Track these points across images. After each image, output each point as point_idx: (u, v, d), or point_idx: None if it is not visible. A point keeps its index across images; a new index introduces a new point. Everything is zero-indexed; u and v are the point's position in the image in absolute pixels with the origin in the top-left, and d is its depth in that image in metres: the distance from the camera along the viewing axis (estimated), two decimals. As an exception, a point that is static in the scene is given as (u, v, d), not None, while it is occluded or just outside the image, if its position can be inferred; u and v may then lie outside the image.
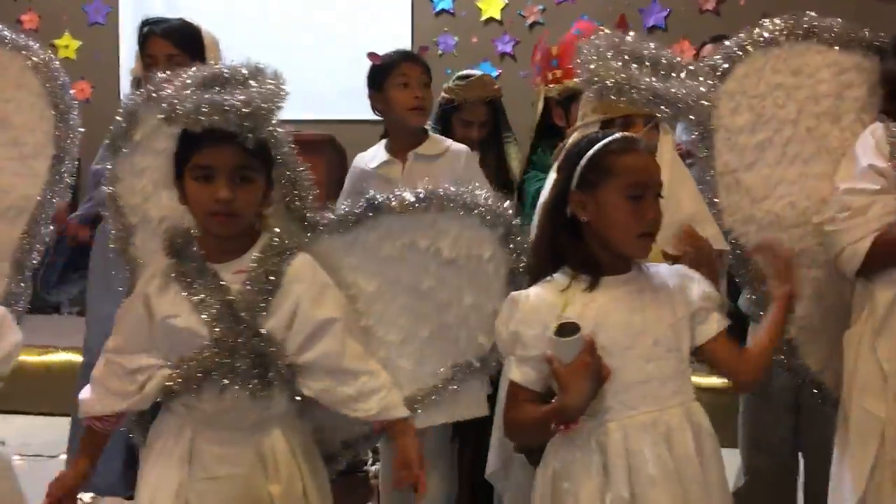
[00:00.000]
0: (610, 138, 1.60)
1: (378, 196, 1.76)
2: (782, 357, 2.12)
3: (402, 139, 2.51)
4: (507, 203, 1.77)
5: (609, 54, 1.79)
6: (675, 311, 1.60)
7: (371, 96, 2.57)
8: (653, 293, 1.61)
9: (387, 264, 1.77)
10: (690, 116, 1.87)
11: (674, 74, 1.81)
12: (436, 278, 1.76)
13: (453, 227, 1.73)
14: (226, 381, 1.61)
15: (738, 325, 1.91)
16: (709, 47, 3.64)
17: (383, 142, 2.59)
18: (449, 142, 2.56)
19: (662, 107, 1.77)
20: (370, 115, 2.59)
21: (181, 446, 1.65)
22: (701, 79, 1.82)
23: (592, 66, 1.78)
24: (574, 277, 1.59)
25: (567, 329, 1.50)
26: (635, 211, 1.56)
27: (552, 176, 1.71)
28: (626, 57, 1.80)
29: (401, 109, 2.47)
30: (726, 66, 2.10)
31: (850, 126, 2.07)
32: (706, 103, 1.81)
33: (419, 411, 1.80)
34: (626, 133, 1.66)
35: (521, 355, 1.58)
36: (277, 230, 1.70)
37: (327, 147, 3.89)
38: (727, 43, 2.16)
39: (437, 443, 2.43)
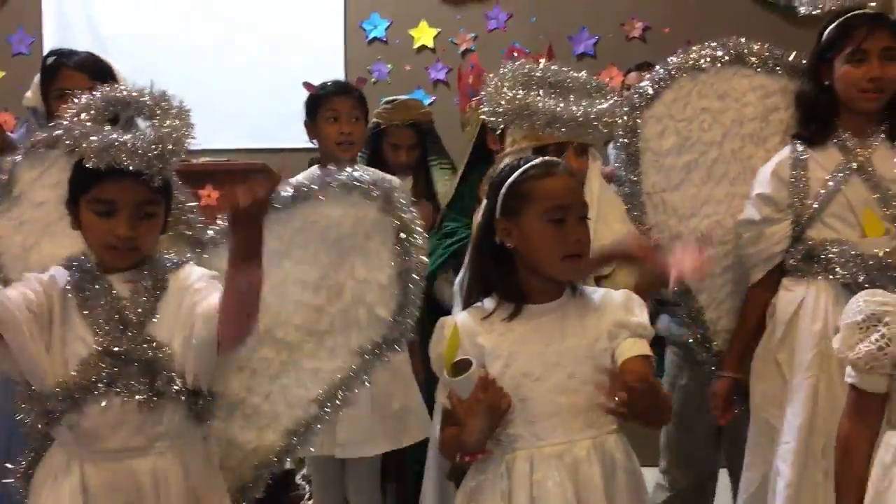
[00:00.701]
0: (528, 164, 1.61)
1: None
2: (713, 368, 2.21)
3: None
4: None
5: (508, 84, 1.87)
6: (597, 342, 1.58)
7: (306, 125, 2.58)
8: (578, 321, 1.59)
9: (275, 263, 1.73)
10: (589, 133, 1.94)
11: (578, 97, 1.92)
12: (326, 265, 1.74)
13: (335, 210, 1.72)
14: (113, 390, 1.55)
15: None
16: (633, 75, 3.73)
17: (313, 169, 2.59)
18: (379, 174, 2.56)
19: (562, 126, 1.85)
20: (304, 143, 2.59)
21: (71, 482, 1.57)
22: (607, 99, 1.90)
23: (490, 96, 1.87)
24: (499, 304, 1.60)
25: (462, 366, 1.51)
26: (558, 234, 1.56)
27: (484, 202, 1.74)
28: (533, 84, 1.90)
29: (328, 143, 2.50)
30: (654, 91, 2.17)
31: (776, 148, 2.16)
32: (606, 121, 1.88)
33: (376, 434, 1.79)
34: (545, 157, 1.68)
35: (447, 380, 1.57)
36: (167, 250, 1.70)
37: (260, 176, 3.84)
38: (656, 69, 2.24)
39: (367, 484, 2.43)
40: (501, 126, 1.97)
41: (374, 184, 1.72)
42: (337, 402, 1.77)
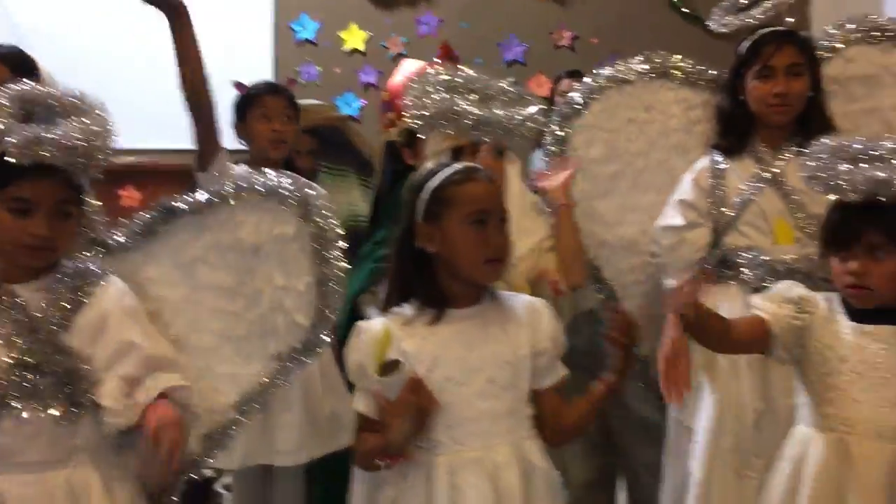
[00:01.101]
0: (449, 170, 1.64)
1: (170, 201, 1.72)
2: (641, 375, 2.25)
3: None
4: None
5: (431, 89, 1.90)
6: (519, 348, 1.61)
7: (234, 126, 2.56)
8: (500, 326, 1.62)
9: (190, 269, 1.72)
10: (515, 138, 1.97)
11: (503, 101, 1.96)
12: (243, 271, 1.72)
13: (252, 215, 1.70)
14: (30, 405, 1.51)
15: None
16: (565, 81, 3.80)
17: (243, 167, 2.57)
18: (300, 180, 2.54)
19: (487, 130, 1.89)
20: (235, 144, 2.55)
21: None
22: (530, 105, 1.95)
23: (414, 102, 1.90)
24: (420, 310, 1.61)
25: (390, 367, 1.53)
26: (480, 237, 1.58)
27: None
28: (456, 90, 1.93)
29: (260, 141, 2.48)
30: (583, 102, 2.23)
31: (698, 158, 2.24)
32: (529, 126, 1.92)
33: (309, 439, 1.77)
34: (467, 163, 1.71)
35: (363, 385, 1.59)
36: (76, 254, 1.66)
37: (190, 177, 3.77)
38: (585, 80, 2.32)
39: (293, 490, 2.42)
40: (426, 130, 1.98)
41: (293, 190, 1.71)
42: (255, 406, 1.75)
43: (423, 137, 2.10)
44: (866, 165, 1.59)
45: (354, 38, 5.12)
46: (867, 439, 1.60)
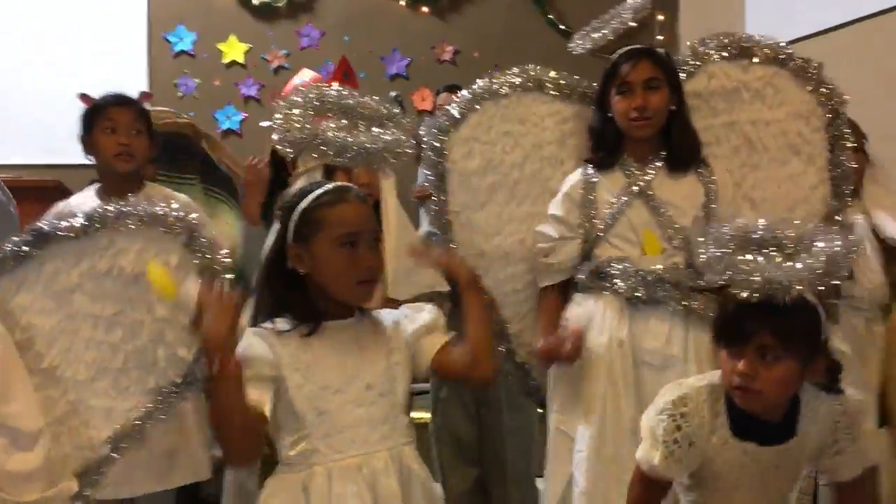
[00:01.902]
0: (319, 191, 1.64)
1: (44, 225, 1.65)
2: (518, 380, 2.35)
3: (115, 185, 2.40)
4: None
5: (298, 111, 1.90)
6: (392, 356, 1.65)
7: (81, 139, 2.48)
8: (372, 337, 1.66)
9: (65, 297, 1.66)
10: (380, 162, 1.97)
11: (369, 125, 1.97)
12: (122, 300, 1.67)
13: (135, 243, 1.66)
14: None
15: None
16: (443, 95, 3.87)
17: (94, 187, 2.49)
18: (168, 191, 2.51)
19: (351, 156, 1.89)
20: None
21: None
22: (392, 130, 1.96)
23: (281, 124, 1.89)
24: (295, 325, 1.61)
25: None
26: (351, 259, 1.60)
27: (275, 226, 1.73)
28: (326, 109, 1.94)
29: (106, 154, 2.40)
30: (460, 114, 2.28)
31: (572, 170, 2.32)
32: (395, 151, 1.94)
33: (120, 467, 1.70)
34: (337, 183, 1.71)
35: (248, 375, 1.56)
36: None
37: (55, 193, 3.63)
38: (462, 93, 2.36)
39: None
40: (292, 155, 1.98)
41: (178, 218, 1.67)
42: (130, 442, 1.70)
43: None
44: (764, 259, 1.50)
45: (234, 50, 5.08)
46: None
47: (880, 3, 3.25)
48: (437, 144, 2.29)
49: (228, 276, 1.69)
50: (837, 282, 1.53)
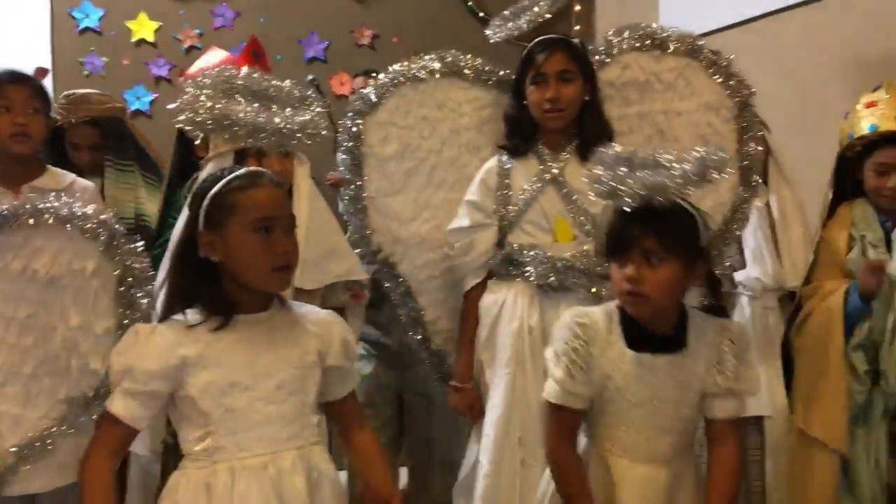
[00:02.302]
0: (232, 175, 1.59)
1: None
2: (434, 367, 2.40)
3: (11, 168, 2.32)
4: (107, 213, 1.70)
5: (208, 92, 1.86)
6: (307, 355, 1.61)
7: None
8: (289, 332, 1.61)
9: None
10: (293, 143, 1.94)
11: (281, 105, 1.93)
12: (35, 303, 1.63)
13: (50, 243, 1.62)
14: None
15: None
16: (359, 79, 3.85)
17: None
18: (73, 177, 2.43)
19: (263, 137, 1.87)
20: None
21: None
22: (306, 112, 1.94)
23: (188, 105, 1.85)
24: (205, 317, 1.56)
25: None
26: (265, 245, 1.55)
27: (185, 213, 1.69)
28: (235, 92, 1.89)
29: (0, 135, 2.29)
30: (377, 98, 2.28)
31: (489, 156, 2.35)
32: (309, 132, 1.91)
33: (27, 469, 1.64)
34: (250, 168, 1.67)
35: (128, 388, 1.51)
36: None
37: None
38: (380, 77, 2.37)
39: None
40: (200, 136, 1.94)
41: (98, 221, 1.62)
42: (35, 452, 1.65)
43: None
44: (648, 173, 1.60)
45: (143, 28, 4.93)
46: (638, 463, 1.67)
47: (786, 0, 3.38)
48: (354, 128, 2.29)
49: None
50: (709, 182, 1.63)
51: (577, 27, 3.63)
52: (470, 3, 4.85)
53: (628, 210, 1.62)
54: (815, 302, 2.25)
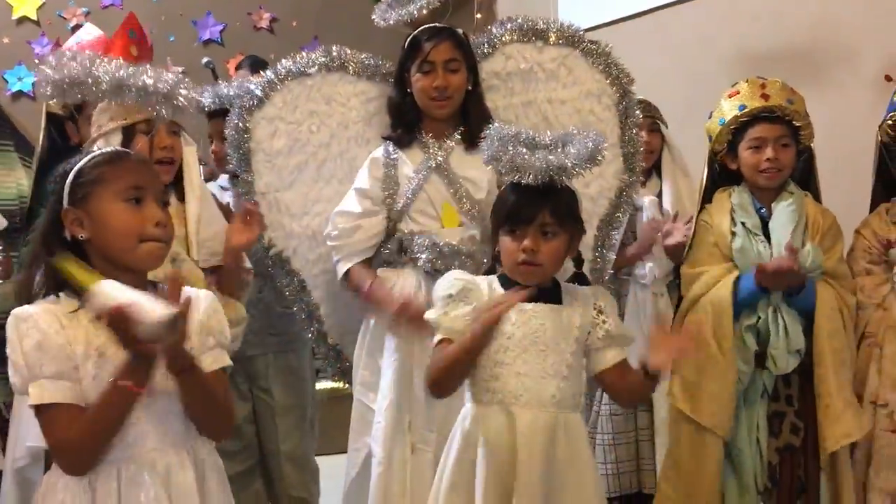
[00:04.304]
0: (98, 152, 1.61)
1: None
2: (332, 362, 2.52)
3: None
4: None
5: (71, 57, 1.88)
6: (188, 341, 1.53)
7: None
8: None
9: None
10: (160, 106, 1.96)
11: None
12: None
13: None
14: None
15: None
16: (242, 72, 3.83)
17: None
18: None
19: (130, 95, 1.90)
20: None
21: None
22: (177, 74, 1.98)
23: (47, 70, 1.86)
24: (82, 303, 1.51)
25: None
26: (136, 215, 1.54)
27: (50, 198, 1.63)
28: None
29: None
30: (263, 93, 2.37)
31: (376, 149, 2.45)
32: (181, 95, 1.96)
33: None
34: (115, 147, 1.69)
35: (39, 374, 1.47)
36: None
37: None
38: (266, 73, 2.46)
39: None
40: (62, 99, 1.95)
41: None
42: None
43: (92, 113, 2.08)
44: (541, 152, 1.84)
45: (25, 5, 4.86)
46: (529, 408, 1.83)
47: (679, -7, 3.57)
48: (241, 124, 2.36)
49: None
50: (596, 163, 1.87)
51: (479, 15, 3.76)
52: (370, -12, 4.92)
53: (526, 187, 1.84)
54: (699, 289, 2.38)
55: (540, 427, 1.83)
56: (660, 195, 3.05)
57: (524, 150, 1.84)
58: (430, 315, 1.87)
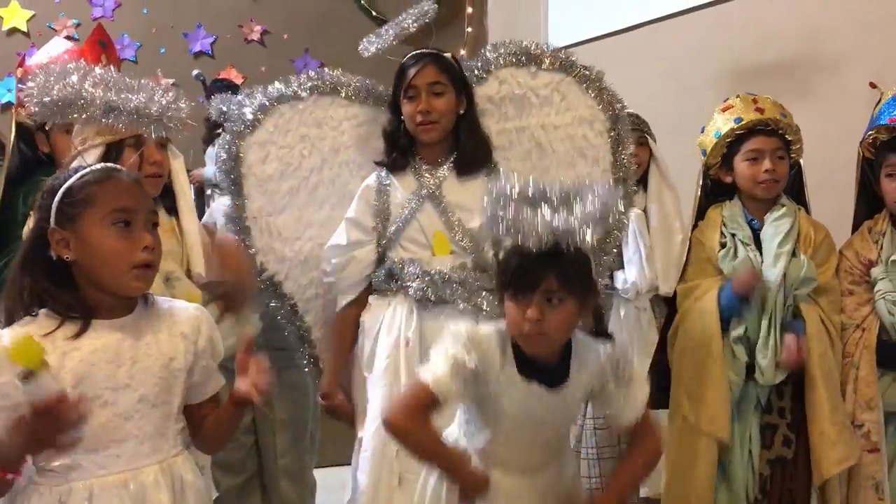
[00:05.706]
0: (87, 168, 1.58)
1: None
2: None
3: None
4: None
5: (53, 78, 1.85)
6: (174, 361, 1.60)
7: None
8: (153, 337, 1.59)
9: None
10: (152, 126, 1.93)
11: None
12: None
13: None
14: None
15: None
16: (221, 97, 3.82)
17: None
18: None
19: (120, 118, 1.87)
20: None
21: None
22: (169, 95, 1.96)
23: (39, 89, 1.83)
24: (62, 321, 1.53)
25: (29, 375, 1.45)
26: (125, 239, 1.53)
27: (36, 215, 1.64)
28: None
29: None
30: (253, 118, 2.42)
31: (369, 173, 2.49)
32: (170, 115, 1.93)
33: None
34: (107, 163, 1.67)
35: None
36: None
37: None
38: (259, 98, 2.49)
39: None
40: (51, 120, 1.94)
41: None
42: None
43: (75, 125, 2.05)
44: (545, 212, 1.67)
45: (15, 16, 4.88)
46: (513, 474, 1.80)
47: (667, 8, 3.62)
48: (232, 149, 2.40)
49: None
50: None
51: (470, 28, 3.81)
52: (363, 2, 4.95)
53: (530, 250, 1.69)
54: (690, 302, 2.47)
55: (520, 492, 1.80)
56: (646, 209, 3.12)
57: (527, 210, 1.68)
58: (437, 363, 1.74)
